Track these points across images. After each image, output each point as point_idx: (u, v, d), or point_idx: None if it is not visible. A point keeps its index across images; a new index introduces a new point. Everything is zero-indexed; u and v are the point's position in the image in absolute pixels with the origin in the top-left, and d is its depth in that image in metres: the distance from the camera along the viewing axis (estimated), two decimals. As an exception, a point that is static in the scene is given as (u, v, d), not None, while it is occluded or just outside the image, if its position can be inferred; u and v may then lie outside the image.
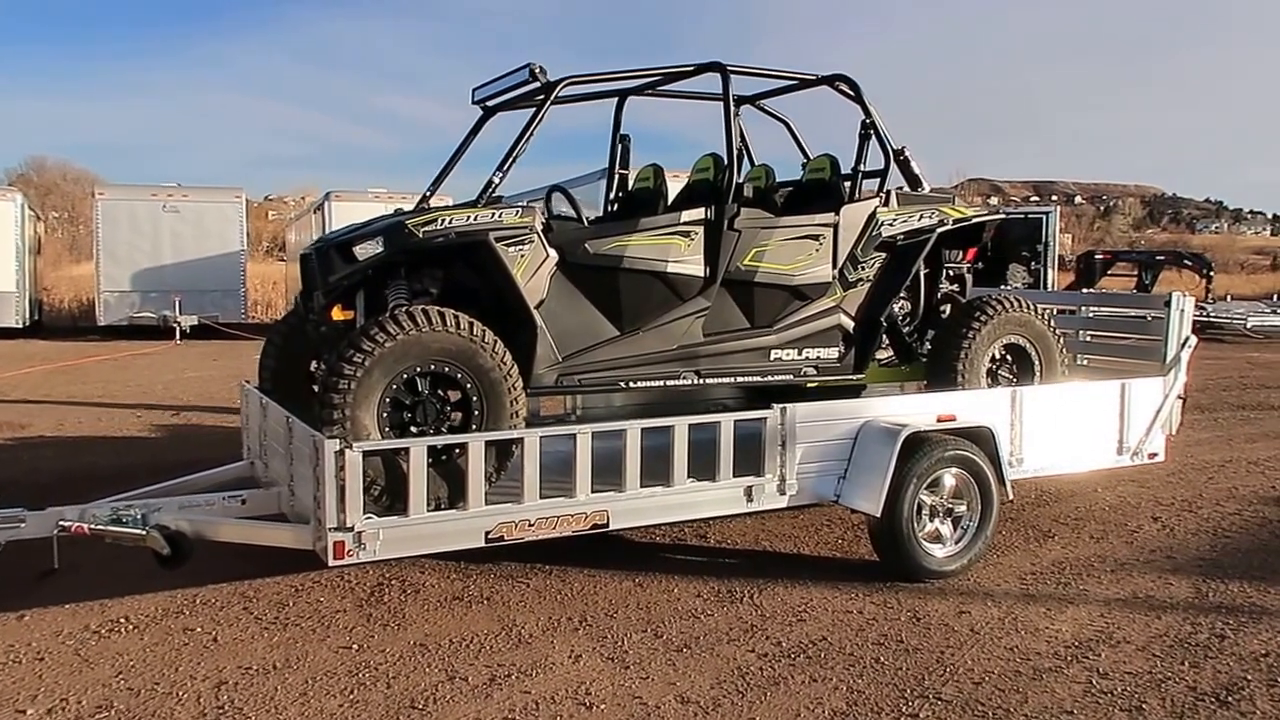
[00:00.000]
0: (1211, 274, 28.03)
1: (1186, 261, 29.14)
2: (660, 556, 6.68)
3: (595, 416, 7.91)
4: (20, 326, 24.17)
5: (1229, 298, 30.85)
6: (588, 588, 5.99)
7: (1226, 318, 26.75)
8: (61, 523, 5.49)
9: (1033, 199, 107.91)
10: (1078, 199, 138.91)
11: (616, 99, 7.27)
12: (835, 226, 6.52)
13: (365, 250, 5.62)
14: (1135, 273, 28.35)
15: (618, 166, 7.40)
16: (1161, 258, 29.43)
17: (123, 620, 5.49)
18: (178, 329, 23.34)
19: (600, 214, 7.31)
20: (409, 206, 6.05)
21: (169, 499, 5.97)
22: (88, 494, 6.13)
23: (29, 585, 5.82)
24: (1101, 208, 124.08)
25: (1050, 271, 24.18)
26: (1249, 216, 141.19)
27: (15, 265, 23.96)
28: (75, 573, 6.06)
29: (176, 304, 23.44)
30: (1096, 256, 28.84)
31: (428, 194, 6.67)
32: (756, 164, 7.42)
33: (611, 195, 7.39)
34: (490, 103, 6.56)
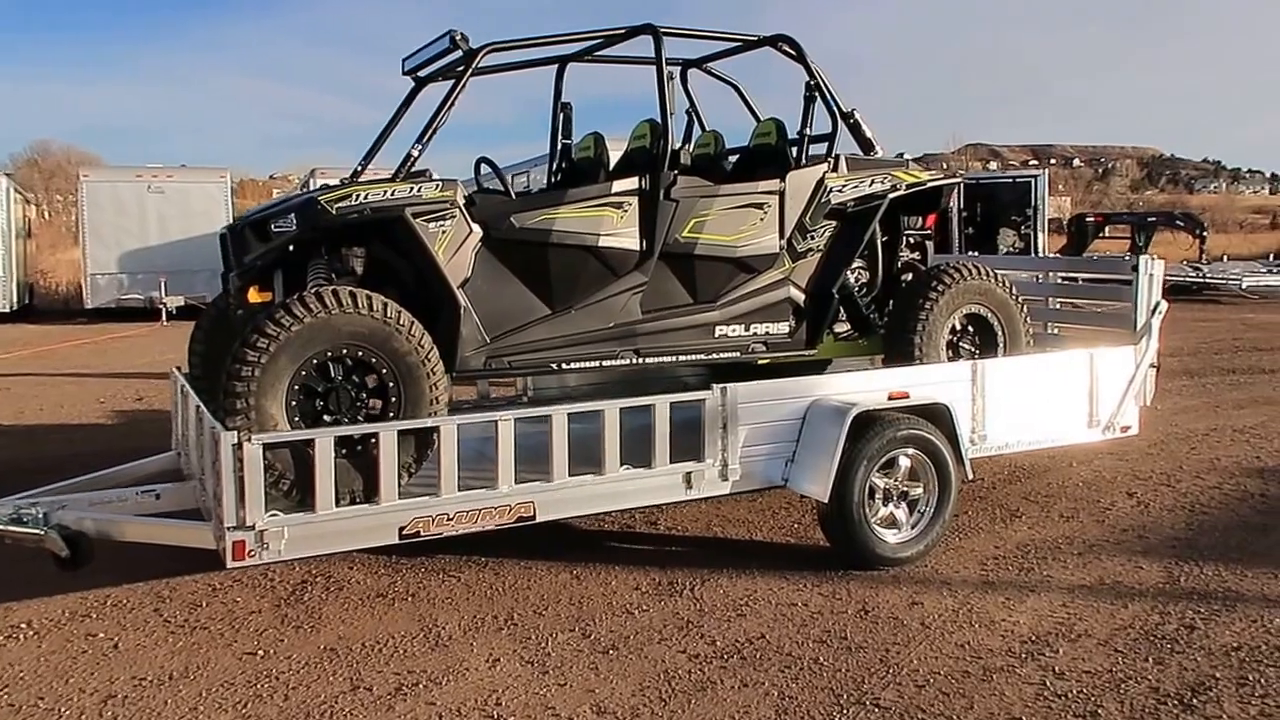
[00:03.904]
0: (1205, 234, 27.56)
1: (1179, 222, 28.66)
2: (603, 545, 6.34)
3: (549, 398, 7.56)
4: (8, 310, 23.85)
5: (1225, 258, 30.37)
6: (521, 581, 5.66)
7: (1222, 278, 26.29)
8: None
9: (1031, 163, 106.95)
10: (1076, 162, 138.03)
11: (557, 66, 6.89)
12: (781, 194, 6.15)
13: (279, 228, 5.28)
14: (1129, 235, 27.89)
15: (560, 136, 7.01)
16: (1154, 219, 28.90)
17: (24, 625, 5.17)
18: (164, 310, 22.96)
19: (544, 186, 6.95)
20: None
21: (79, 495, 5.64)
22: (29, 485, 5.75)
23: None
24: (1100, 170, 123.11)
25: (1040, 235, 23.73)
26: (1247, 176, 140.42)
27: (1, 249, 23.59)
28: (-15, 573, 5.75)
29: (162, 285, 23.04)
30: (1088, 219, 28.36)
31: (359, 169, 6.32)
32: (707, 130, 7.06)
33: (554, 167, 7.02)
34: (420, 73, 6.18)
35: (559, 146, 6.98)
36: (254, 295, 5.39)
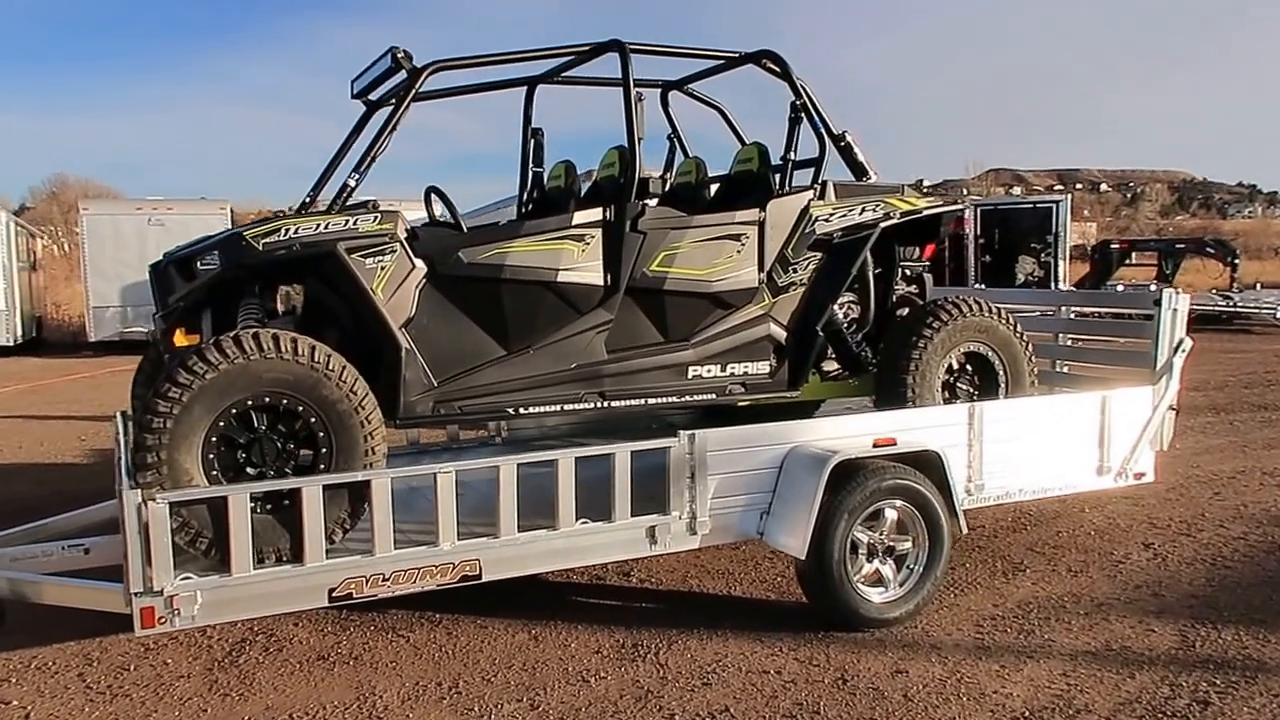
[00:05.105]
0: (1237, 261, 26.66)
1: (1209, 249, 27.77)
2: (569, 600, 5.89)
3: (525, 438, 7.18)
4: (11, 344, 23.67)
5: (1259, 285, 29.50)
6: (474, 642, 5.23)
7: (1254, 307, 25.35)
8: None
9: (1056, 188, 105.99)
10: (1103, 187, 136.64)
11: (526, 89, 6.51)
12: (760, 224, 5.73)
13: (204, 265, 4.91)
14: (1155, 263, 27.13)
15: (531, 165, 6.61)
16: (1182, 245, 28.01)
17: (-66, 692, 4.79)
18: None
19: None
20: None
21: (4, 550, 5.28)
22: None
23: None
24: (1128, 195, 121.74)
25: (1061, 264, 23.09)
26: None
27: (3, 283, 23.46)
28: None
29: None
30: (1113, 246, 27.52)
31: (307, 200, 5.95)
32: (689, 156, 6.65)
33: (524, 197, 6.62)
34: (369, 96, 5.82)
35: (529, 176, 6.59)
36: (180, 338, 5.03)
